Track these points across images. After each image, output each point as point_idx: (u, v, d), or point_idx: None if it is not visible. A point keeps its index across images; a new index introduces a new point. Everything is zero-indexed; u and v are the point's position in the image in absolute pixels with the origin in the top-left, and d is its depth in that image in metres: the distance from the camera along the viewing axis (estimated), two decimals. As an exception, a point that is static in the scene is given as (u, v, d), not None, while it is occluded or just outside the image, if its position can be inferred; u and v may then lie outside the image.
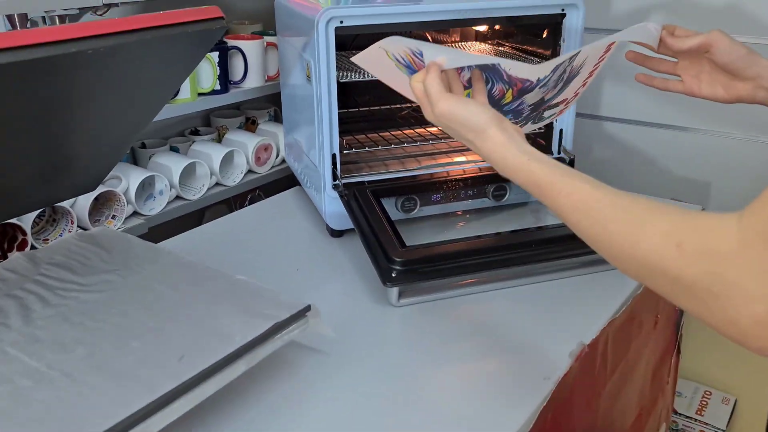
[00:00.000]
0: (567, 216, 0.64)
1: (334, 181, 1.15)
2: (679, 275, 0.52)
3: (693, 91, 0.94)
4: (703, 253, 0.50)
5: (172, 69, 0.74)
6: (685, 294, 0.52)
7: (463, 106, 0.74)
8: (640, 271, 0.57)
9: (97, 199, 1.26)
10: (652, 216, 0.56)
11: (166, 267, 0.87)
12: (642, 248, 0.55)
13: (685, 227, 0.53)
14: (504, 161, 0.70)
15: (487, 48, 1.42)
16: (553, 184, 0.65)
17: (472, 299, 1.00)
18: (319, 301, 0.92)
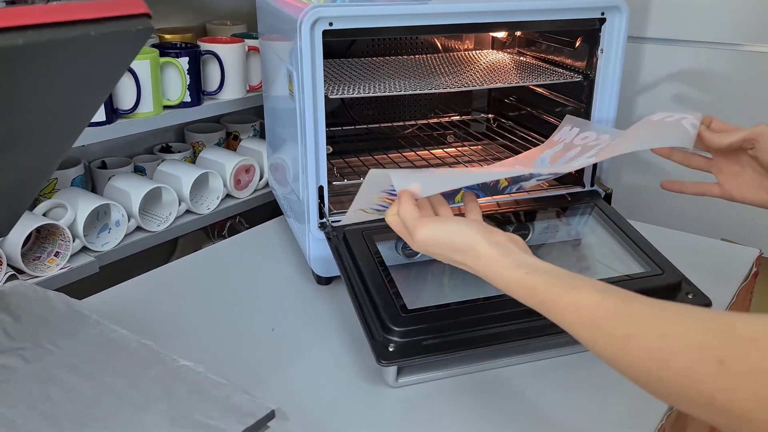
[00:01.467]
0: (579, 335, 0.54)
1: (321, 220, 0.93)
2: (727, 403, 0.42)
3: (732, 195, 0.81)
4: (754, 373, 0.41)
5: (76, 84, 0.52)
6: (739, 424, 0.42)
7: (444, 227, 0.66)
8: (676, 399, 0.46)
9: (38, 232, 1.05)
10: (680, 326, 0.47)
11: (87, 345, 0.66)
12: (673, 369, 0.45)
13: (724, 337, 0.43)
14: (500, 279, 0.62)
15: (506, 58, 1.21)
16: (557, 299, 0.56)
17: (490, 377, 0.79)
18: (296, 377, 0.79)
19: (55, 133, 0.62)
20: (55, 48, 0.45)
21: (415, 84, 1.01)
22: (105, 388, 0.60)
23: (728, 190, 0.82)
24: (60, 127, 0.60)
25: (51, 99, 0.52)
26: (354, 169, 1.10)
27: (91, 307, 0.90)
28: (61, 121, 0.60)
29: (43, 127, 0.59)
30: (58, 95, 0.52)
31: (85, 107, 0.61)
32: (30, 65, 0.46)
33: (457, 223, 0.66)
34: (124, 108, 1.11)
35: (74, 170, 1.17)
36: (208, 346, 0.85)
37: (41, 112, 0.56)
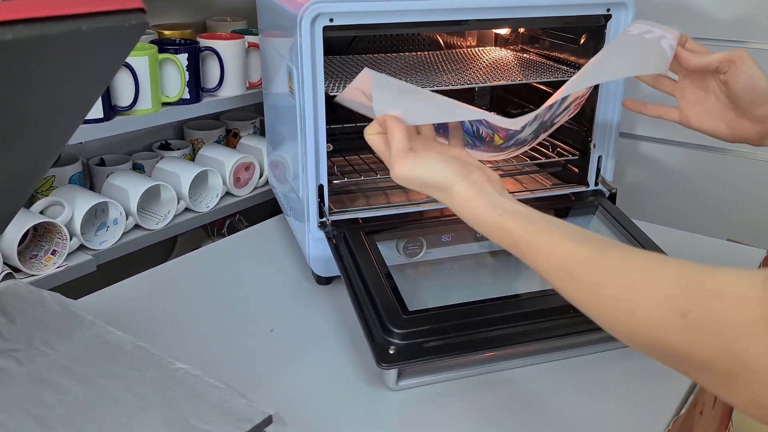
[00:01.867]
0: (550, 280, 0.54)
1: (321, 218, 0.92)
2: (689, 353, 0.43)
3: (690, 122, 0.80)
4: (716, 326, 0.41)
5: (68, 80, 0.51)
6: (700, 373, 0.43)
7: (422, 165, 0.64)
8: (642, 347, 0.47)
9: (35, 230, 1.04)
10: (650, 276, 0.47)
11: (82, 346, 0.64)
12: (640, 318, 0.46)
13: (691, 291, 0.43)
14: (474, 218, 0.61)
15: (509, 55, 1.19)
16: (531, 244, 0.56)
17: (494, 380, 0.78)
18: (295, 379, 0.78)
19: (49, 130, 0.60)
20: (46, 44, 0.44)
21: (416, 81, 1.00)
22: (99, 391, 0.59)
23: (687, 116, 0.80)
24: (53, 125, 0.58)
25: (42, 96, 0.51)
26: (355, 168, 1.09)
27: (88, 307, 0.89)
28: (54, 119, 0.58)
29: (36, 125, 0.57)
30: (50, 92, 0.51)
31: (78, 104, 0.59)
32: (20, 61, 0.45)
33: (436, 160, 0.64)
34: (122, 105, 1.10)
35: (72, 167, 1.16)
36: (206, 347, 0.83)
37: (33, 109, 0.54)
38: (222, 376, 0.71)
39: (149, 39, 1.22)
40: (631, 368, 0.80)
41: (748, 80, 0.74)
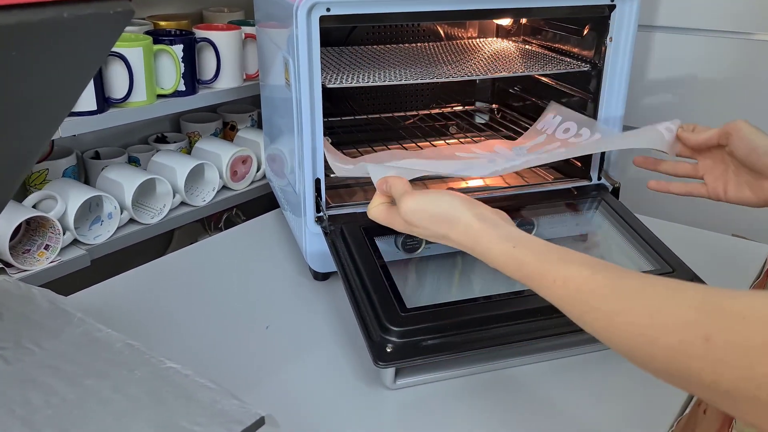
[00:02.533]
0: (567, 310, 0.53)
1: (318, 213, 0.90)
2: (714, 380, 0.41)
3: (718, 194, 0.81)
4: (740, 349, 0.40)
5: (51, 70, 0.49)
6: (726, 400, 0.41)
7: (430, 198, 0.66)
8: (665, 374, 0.46)
9: (28, 224, 1.02)
10: (670, 301, 0.46)
11: (70, 345, 0.63)
12: (661, 345, 0.45)
13: (713, 315, 0.42)
14: (488, 252, 0.61)
15: (511, 46, 1.17)
16: (546, 274, 0.55)
17: (494, 378, 0.76)
18: (290, 377, 0.76)
19: (33, 121, 0.58)
20: (26, 31, 0.42)
21: (416, 73, 0.98)
22: (87, 392, 0.57)
23: (714, 190, 0.82)
24: (38, 115, 0.57)
25: (25, 86, 0.49)
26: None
27: (79, 303, 0.88)
28: (38, 109, 0.56)
29: (19, 115, 0.55)
30: (33, 82, 0.49)
31: (64, 94, 0.57)
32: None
33: (443, 194, 0.66)
34: (116, 97, 1.08)
35: (66, 160, 1.14)
36: (200, 344, 0.82)
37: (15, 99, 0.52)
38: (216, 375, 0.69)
39: (144, 30, 1.20)
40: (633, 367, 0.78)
41: (748, 144, 0.76)
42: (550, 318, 0.77)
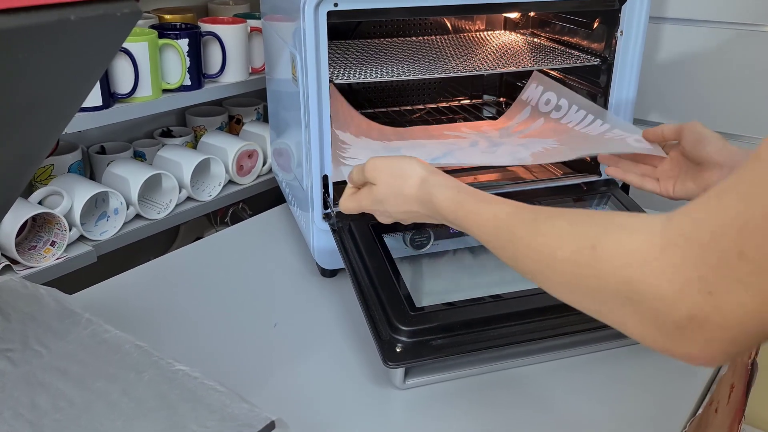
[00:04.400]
0: (493, 243, 0.58)
1: (326, 210, 0.89)
2: (597, 285, 0.45)
3: (668, 191, 0.84)
4: (618, 253, 0.44)
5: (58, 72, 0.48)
6: (605, 306, 0.46)
7: (389, 158, 0.72)
8: (562, 289, 0.50)
9: (34, 220, 1.02)
10: (575, 224, 0.49)
11: (78, 346, 0.62)
12: (559, 258, 0.49)
13: (602, 227, 0.47)
14: (435, 198, 0.66)
15: (519, 39, 1.16)
16: (480, 211, 0.60)
17: (504, 378, 0.76)
18: (299, 376, 0.76)
19: (41, 121, 0.57)
20: (32, 34, 0.41)
21: (424, 68, 0.97)
22: (95, 395, 0.57)
23: (664, 186, 0.84)
24: (45, 116, 0.56)
25: (32, 87, 0.48)
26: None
27: (86, 301, 0.87)
28: (46, 110, 0.56)
29: (27, 116, 0.55)
30: (40, 83, 0.48)
31: (71, 95, 0.56)
32: (5, 52, 0.42)
33: (402, 156, 0.72)
34: (122, 92, 1.07)
35: (71, 156, 1.13)
36: (208, 343, 0.81)
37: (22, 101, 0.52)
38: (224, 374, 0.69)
39: (149, 24, 1.19)
40: (646, 366, 0.77)
41: (697, 135, 0.80)
42: (561, 316, 0.76)
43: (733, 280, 0.38)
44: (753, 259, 0.37)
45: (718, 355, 0.41)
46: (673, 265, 0.40)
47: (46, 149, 0.66)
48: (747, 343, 0.40)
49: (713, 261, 0.39)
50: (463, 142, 1.02)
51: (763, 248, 0.37)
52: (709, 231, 0.39)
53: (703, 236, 0.39)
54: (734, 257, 0.38)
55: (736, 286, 0.38)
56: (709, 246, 0.39)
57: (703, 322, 0.39)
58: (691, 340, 0.41)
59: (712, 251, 0.39)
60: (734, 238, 0.38)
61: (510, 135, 1.05)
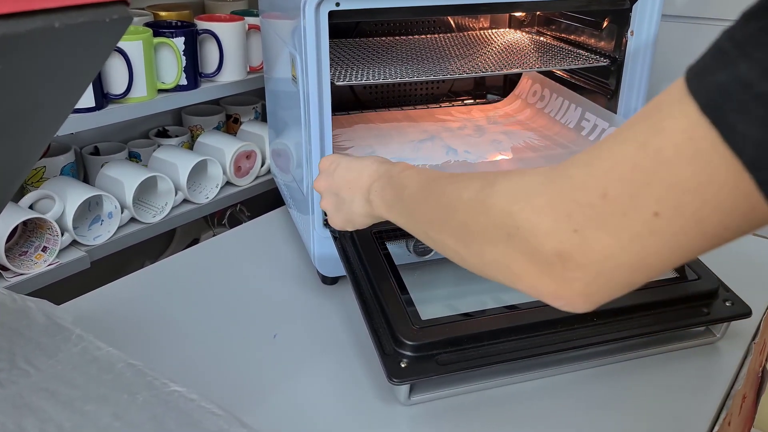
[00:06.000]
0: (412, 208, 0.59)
1: (326, 216, 0.86)
2: (486, 224, 0.46)
3: None
4: (510, 193, 0.45)
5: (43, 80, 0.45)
6: (491, 246, 0.46)
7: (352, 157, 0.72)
8: (455, 233, 0.51)
9: (24, 225, 0.99)
10: (465, 178, 0.52)
11: (68, 366, 0.59)
12: (464, 198, 0.50)
13: (491, 177, 0.48)
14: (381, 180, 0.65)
15: (525, 38, 1.13)
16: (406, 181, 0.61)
17: (512, 392, 0.73)
18: (299, 394, 0.73)
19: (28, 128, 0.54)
20: (13, 43, 0.38)
21: (427, 69, 0.93)
22: (85, 418, 0.54)
23: None
24: (33, 123, 0.53)
25: (15, 98, 0.45)
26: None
27: (77, 312, 0.84)
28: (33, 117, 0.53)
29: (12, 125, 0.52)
30: (24, 94, 0.45)
31: (60, 101, 0.53)
32: None
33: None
34: (115, 93, 1.03)
35: (64, 157, 1.10)
36: (204, 355, 0.78)
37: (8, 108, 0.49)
38: (221, 391, 0.66)
39: (143, 21, 1.15)
40: (659, 379, 0.75)
41: None
42: (571, 329, 0.74)
43: (595, 219, 0.39)
44: (614, 200, 0.38)
45: (579, 297, 0.42)
46: (549, 202, 0.41)
47: (36, 155, 0.63)
48: (607, 287, 0.41)
49: (581, 199, 0.40)
50: (451, 125, 1.10)
51: (624, 189, 0.37)
52: (583, 172, 0.40)
53: (577, 176, 0.40)
54: (598, 197, 0.39)
55: (598, 225, 0.39)
56: (579, 185, 0.40)
57: (567, 259, 0.40)
58: (557, 277, 0.42)
59: (580, 190, 0.40)
60: (600, 178, 0.39)
61: (496, 122, 1.13)
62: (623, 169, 0.38)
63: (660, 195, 0.36)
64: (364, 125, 1.10)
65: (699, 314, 0.77)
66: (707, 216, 0.35)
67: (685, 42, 1.21)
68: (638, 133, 0.37)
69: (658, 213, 0.37)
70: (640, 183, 0.37)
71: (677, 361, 0.77)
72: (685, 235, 0.37)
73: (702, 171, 0.34)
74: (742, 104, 0.32)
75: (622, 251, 0.39)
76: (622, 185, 0.38)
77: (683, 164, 0.35)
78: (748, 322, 0.79)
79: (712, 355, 0.79)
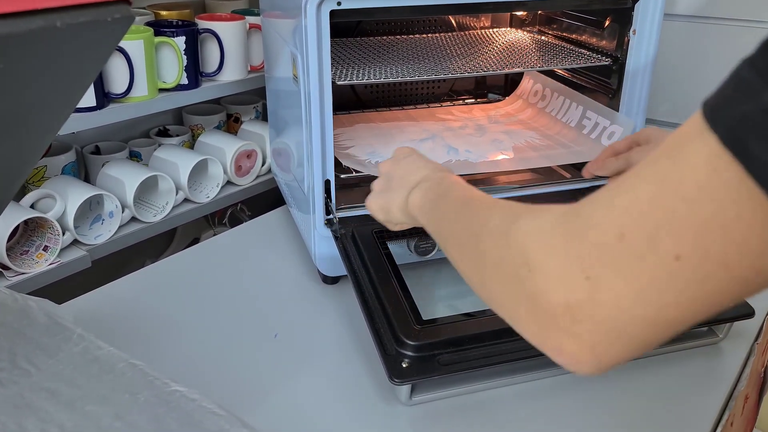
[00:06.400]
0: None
1: (327, 216, 0.86)
2: (502, 257, 0.43)
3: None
4: (529, 229, 0.42)
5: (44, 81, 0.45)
6: (502, 286, 0.43)
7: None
8: (476, 260, 0.48)
9: (26, 224, 0.99)
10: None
11: (69, 365, 0.59)
12: (490, 226, 0.47)
13: (532, 207, 0.45)
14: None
15: (526, 37, 1.13)
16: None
17: (513, 393, 0.73)
18: (300, 393, 0.73)
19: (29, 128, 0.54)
20: (15, 42, 0.38)
21: (428, 68, 0.93)
22: (86, 419, 0.53)
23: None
24: (32, 126, 0.53)
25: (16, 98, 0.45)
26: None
27: (78, 311, 0.84)
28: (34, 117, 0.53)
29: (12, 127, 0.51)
30: (25, 93, 0.45)
31: (62, 101, 0.53)
32: None
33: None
34: (116, 92, 1.03)
35: (65, 157, 1.10)
36: (204, 355, 0.78)
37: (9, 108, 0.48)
38: (221, 390, 0.66)
39: (144, 20, 1.15)
40: (661, 379, 0.75)
41: (645, 136, 0.81)
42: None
43: (610, 263, 0.35)
44: (631, 242, 0.35)
45: (586, 356, 0.38)
46: (564, 243, 0.38)
47: (38, 154, 0.63)
48: (618, 344, 0.37)
49: (595, 239, 0.36)
50: (453, 125, 1.10)
51: (643, 230, 0.34)
52: (601, 211, 0.37)
53: (594, 215, 0.37)
54: (615, 238, 0.35)
55: (613, 270, 0.35)
56: (595, 224, 0.37)
57: (576, 310, 0.37)
58: (564, 330, 0.38)
59: (595, 229, 0.36)
60: (617, 217, 0.35)
61: (497, 122, 1.13)
62: (642, 208, 0.34)
63: (682, 236, 0.33)
64: (365, 124, 1.10)
65: (701, 314, 0.76)
66: (735, 259, 0.32)
67: (687, 41, 1.20)
68: (658, 170, 0.34)
69: (679, 256, 0.33)
70: (660, 223, 0.34)
71: (680, 361, 0.77)
72: (711, 282, 0.33)
73: (727, 208, 0.31)
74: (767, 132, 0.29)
75: (638, 301, 0.35)
76: (640, 225, 0.34)
77: (706, 201, 0.32)
78: (751, 322, 0.79)
79: (714, 356, 0.79)
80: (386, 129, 1.09)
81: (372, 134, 1.06)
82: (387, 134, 1.06)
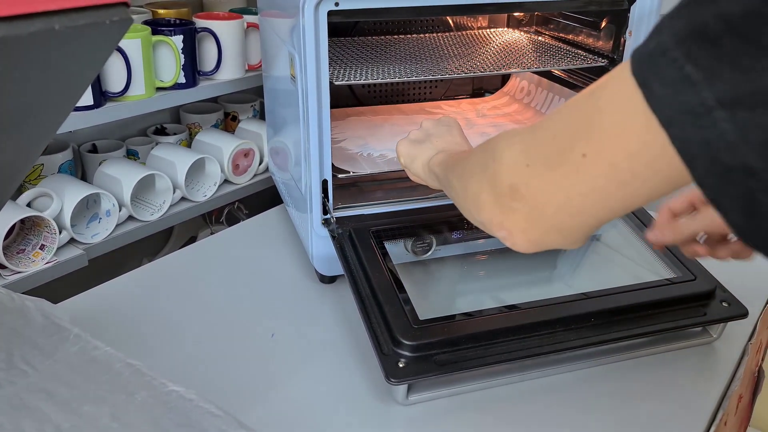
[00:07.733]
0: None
1: (325, 215, 0.86)
2: (476, 160, 0.52)
3: (717, 254, 0.67)
4: (505, 134, 0.49)
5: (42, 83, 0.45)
6: (474, 176, 0.51)
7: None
8: (461, 173, 0.56)
9: (22, 223, 0.99)
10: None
11: (65, 366, 0.59)
12: (477, 150, 0.55)
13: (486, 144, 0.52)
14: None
15: (523, 38, 1.13)
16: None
17: (511, 392, 0.73)
18: (297, 392, 0.73)
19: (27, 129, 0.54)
20: (13, 45, 0.38)
21: (425, 69, 0.93)
22: (83, 420, 0.54)
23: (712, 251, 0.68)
24: (30, 127, 0.53)
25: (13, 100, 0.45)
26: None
27: (75, 310, 0.84)
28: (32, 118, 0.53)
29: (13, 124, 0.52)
30: (23, 96, 0.45)
31: (60, 102, 0.53)
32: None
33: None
34: (114, 91, 1.03)
35: (62, 155, 1.10)
36: (201, 355, 0.78)
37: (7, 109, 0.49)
38: (218, 390, 0.67)
39: (142, 19, 1.15)
40: (656, 379, 0.75)
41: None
42: (569, 329, 0.74)
43: (543, 156, 0.43)
44: (559, 140, 0.42)
45: (518, 231, 0.46)
46: (521, 140, 0.46)
47: (35, 155, 0.63)
48: (540, 223, 0.45)
49: (539, 138, 0.44)
50: None
51: (567, 132, 0.42)
52: (553, 117, 0.44)
53: (546, 121, 0.45)
54: (550, 137, 0.43)
55: (543, 162, 0.43)
56: (543, 126, 0.45)
57: (515, 190, 0.45)
58: (504, 207, 0.46)
59: (541, 130, 0.45)
60: (557, 122, 0.43)
61: (485, 115, 1.17)
62: (573, 114, 0.42)
63: (590, 138, 0.40)
64: (356, 118, 1.13)
65: (696, 315, 0.77)
66: (620, 161, 0.38)
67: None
68: (594, 88, 0.41)
69: (585, 154, 0.40)
70: (579, 127, 0.41)
71: (674, 361, 0.78)
72: (604, 179, 0.40)
73: (623, 120, 0.38)
74: (659, 67, 0.35)
75: (555, 188, 0.43)
76: (567, 128, 0.42)
77: (611, 113, 0.38)
78: (744, 322, 0.79)
79: (708, 356, 0.80)
80: (377, 122, 1.11)
81: (363, 127, 1.08)
82: (378, 127, 1.09)
